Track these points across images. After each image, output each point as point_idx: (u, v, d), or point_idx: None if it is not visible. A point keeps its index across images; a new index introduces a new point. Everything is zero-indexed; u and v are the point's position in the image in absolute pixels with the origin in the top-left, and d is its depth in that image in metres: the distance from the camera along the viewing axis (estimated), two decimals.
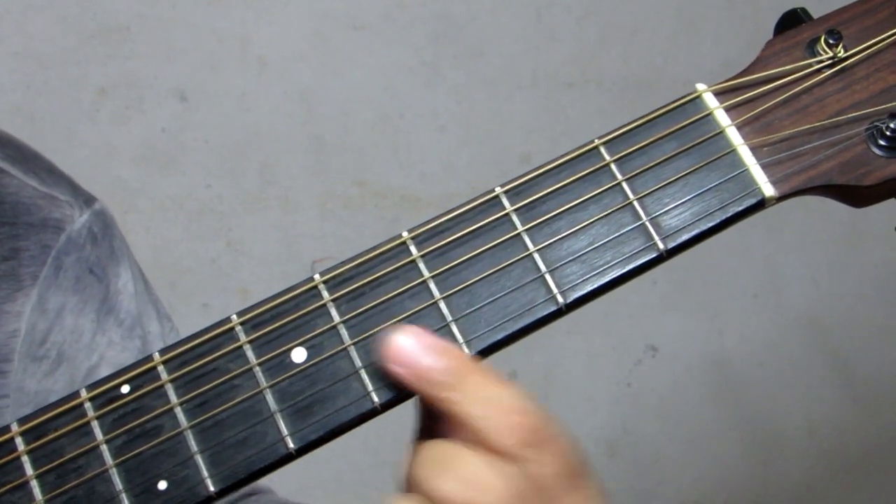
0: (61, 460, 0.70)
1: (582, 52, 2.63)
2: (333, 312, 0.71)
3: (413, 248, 0.71)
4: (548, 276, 0.71)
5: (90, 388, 0.71)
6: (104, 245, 1.04)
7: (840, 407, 2.75)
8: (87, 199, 1.05)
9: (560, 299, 0.70)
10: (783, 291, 2.74)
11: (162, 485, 0.69)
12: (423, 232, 0.72)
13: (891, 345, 2.77)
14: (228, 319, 0.71)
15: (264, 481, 0.74)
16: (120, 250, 1.06)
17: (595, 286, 0.71)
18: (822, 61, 0.73)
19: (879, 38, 0.72)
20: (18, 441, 0.70)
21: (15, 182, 1.00)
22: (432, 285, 0.71)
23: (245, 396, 0.70)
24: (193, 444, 0.69)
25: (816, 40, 0.73)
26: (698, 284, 2.64)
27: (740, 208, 0.71)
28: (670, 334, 2.68)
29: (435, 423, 0.67)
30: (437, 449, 0.67)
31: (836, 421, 2.75)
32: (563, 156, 0.72)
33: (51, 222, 1.00)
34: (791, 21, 0.74)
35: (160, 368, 0.71)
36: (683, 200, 0.72)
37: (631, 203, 0.72)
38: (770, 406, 2.73)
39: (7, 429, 0.71)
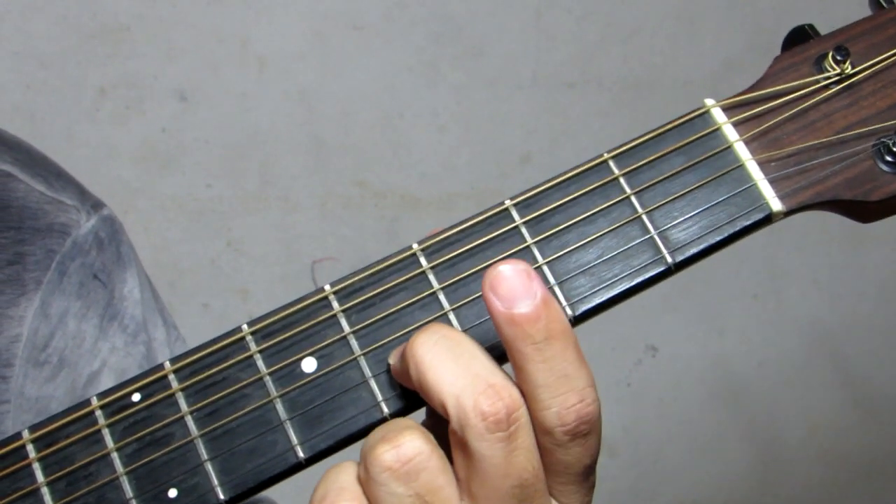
0: (72, 468, 0.70)
1: (582, 52, 2.63)
2: (343, 323, 0.71)
3: (423, 260, 0.72)
4: (556, 289, 0.71)
5: (101, 396, 0.71)
6: (111, 250, 1.04)
7: (840, 407, 2.76)
8: (95, 205, 1.05)
9: (568, 312, 0.71)
10: (783, 292, 2.75)
11: (172, 493, 0.69)
12: (433, 244, 0.72)
13: (891, 345, 2.77)
14: (239, 329, 0.72)
15: (270, 493, 0.74)
16: (127, 256, 1.06)
17: (603, 299, 0.71)
18: (829, 77, 0.73)
19: (887, 54, 0.73)
20: (30, 448, 0.71)
21: (22, 186, 1.00)
22: (442, 297, 0.71)
23: (255, 405, 0.70)
24: (204, 453, 0.70)
25: (824, 56, 0.73)
26: (698, 285, 2.65)
27: (748, 222, 0.72)
28: (670, 334, 2.68)
29: (440, 430, 0.68)
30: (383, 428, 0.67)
31: (836, 421, 2.75)
32: (571, 169, 0.73)
33: (56, 227, 1.00)
34: (799, 37, 0.74)
35: (171, 377, 0.71)
36: (692, 214, 0.72)
37: (639, 216, 0.72)
38: (770, 406, 2.74)
39: (18, 436, 0.71)
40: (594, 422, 0.65)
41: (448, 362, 0.64)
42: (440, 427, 0.67)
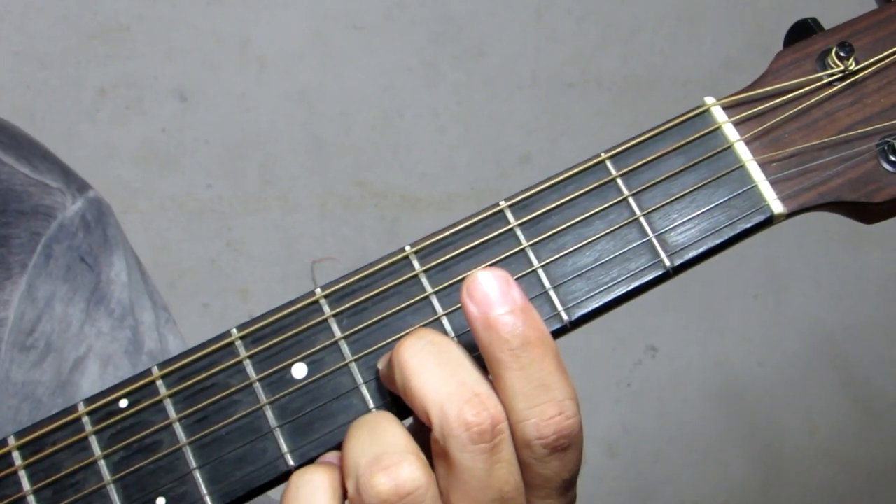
0: (59, 475, 0.69)
1: (582, 52, 2.63)
2: (335, 328, 0.70)
3: (416, 263, 0.71)
4: (552, 293, 0.70)
5: (88, 402, 0.70)
6: (97, 233, 1.02)
7: (840, 407, 2.75)
8: (81, 187, 1.03)
9: (564, 317, 0.69)
10: (783, 291, 2.74)
11: (160, 501, 0.68)
12: (427, 246, 0.71)
13: (891, 345, 2.77)
14: (228, 333, 0.70)
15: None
16: (114, 238, 1.05)
17: (600, 303, 0.70)
18: (832, 74, 0.71)
19: (892, 50, 0.71)
20: (16, 455, 0.69)
21: (6, 169, 0.99)
22: (435, 301, 0.70)
23: (245, 412, 0.69)
24: (192, 460, 0.69)
25: (827, 52, 0.72)
26: (698, 285, 2.64)
27: (748, 225, 0.71)
28: (670, 334, 2.68)
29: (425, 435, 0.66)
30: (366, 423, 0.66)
31: (836, 421, 2.74)
32: (568, 169, 0.72)
33: (42, 209, 0.99)
34: (802, 31, 0.73)
35: (159, 383, 0.70)
36: (691, 217, 0.71)
37: (637, 219, 0.71)
38: (770, 406, 2.73)
39: (4, 442, 0.70)
40: (573, 436, 0.64)
41: (433, 369, 0.63)
42: (425, 432, 0.66)
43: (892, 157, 0.70)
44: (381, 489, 0.62)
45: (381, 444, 0.64)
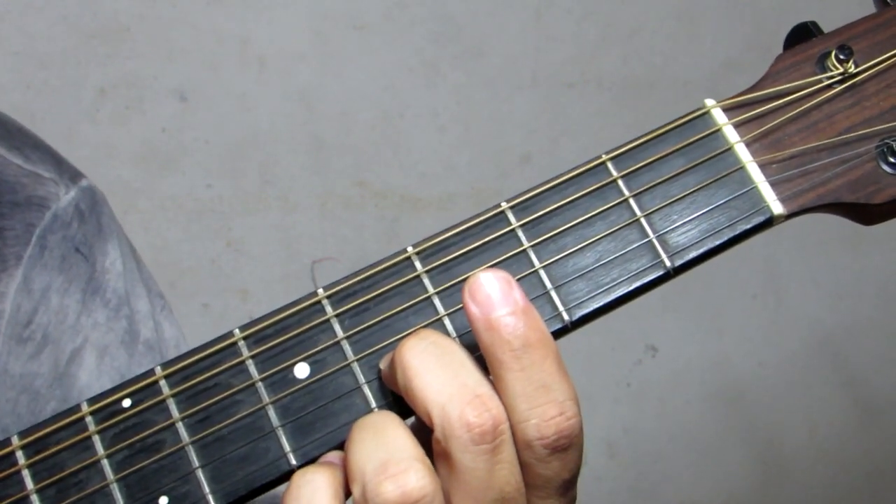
0: (62, 475, 0.69)
1: (582, 52, 2.63)
2: (337, 328, 0.70)
3: (418, 264, 0.71)
4: (553, 294, 0.70)
5: (91, 401, 0.70)
6: (91, 222, 1.02)
7: (840, 407, 2.75)
8: (73, 176, 1.03)
9: (566, 317, 0.70)
10: (783, 292, 2.74)
11: (163, 500, 0.69)
12: (429, 247, 0.71)
13: (891, 345, 2.77)
14: (231, 334, 0.71)
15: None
16: (108, 227, 1.04)
17: (600, 304, 0.70)
18: (832, 77, 0.72)
19: (891, 53, 0.72)
20: (19, 455, 0.70)
21: None
22: (437, 301, 0.70)
23: (247, 412, 0.69)
24: (195, 460, 0.69)
25: (827, 55, 0.72)
26: (698, 285, 2.64)
27: (748, 226, 0.71)
28: (670, 334, 2.68)
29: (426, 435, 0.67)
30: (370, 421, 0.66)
31: (836, 421, 2.75)
32: (569, 171, 0.72)
33: (35, 200, 0.98)
34: (801, 35, 0.73)
35: (162, 383, 0.70)
36: (691, 217, 0.71)
37: (638, 220, 0.71)
38: (770, 406, 2.73)
39: (8, 442, 0.70)
40: (574, 436, 0.64)
41: (436, 370, 0.64)
42: (426, 432, 0.66)
43: (892, 159, 0.70)
44: (389, 497, 0.62)
45: (387, 450, 0.64)
